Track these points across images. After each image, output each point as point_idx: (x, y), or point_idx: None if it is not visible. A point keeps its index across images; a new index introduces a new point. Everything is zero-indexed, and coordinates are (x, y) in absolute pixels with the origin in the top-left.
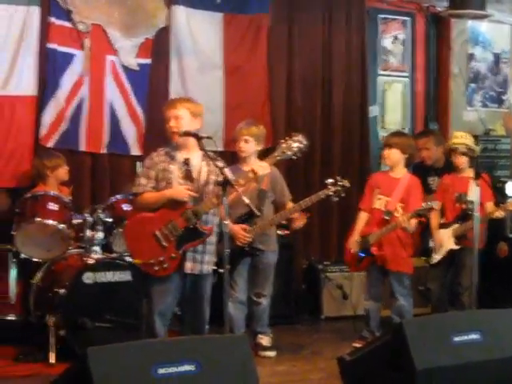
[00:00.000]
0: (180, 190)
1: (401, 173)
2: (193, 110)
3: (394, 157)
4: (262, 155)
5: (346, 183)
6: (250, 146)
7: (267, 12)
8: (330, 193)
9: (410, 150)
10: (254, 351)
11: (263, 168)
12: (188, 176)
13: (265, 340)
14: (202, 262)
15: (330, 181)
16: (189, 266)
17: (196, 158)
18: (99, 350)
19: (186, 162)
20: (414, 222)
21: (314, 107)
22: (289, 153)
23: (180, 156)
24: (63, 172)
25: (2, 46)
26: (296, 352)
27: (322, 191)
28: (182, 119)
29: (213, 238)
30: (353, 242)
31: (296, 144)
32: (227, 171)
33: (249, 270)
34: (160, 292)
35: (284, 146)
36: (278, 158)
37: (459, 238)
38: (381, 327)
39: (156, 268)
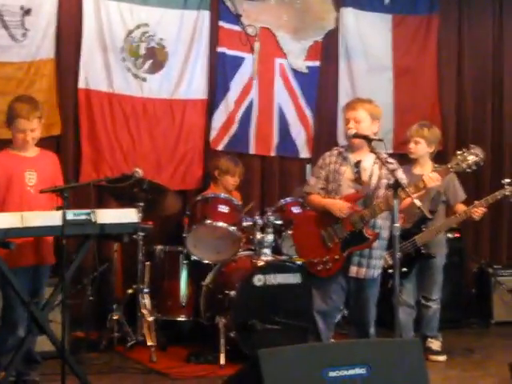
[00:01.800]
0: (339, 206)
1: None
2: (372, 112)
3: None
4: (437, 158)
5: None
6: (419, 148)
7: (437, 12)
8: (507, 193)
9: None
10: (424, 355)
11: (434, 180)
12: (358, 179)
13: (435, 344)
14: (368, 266)
15: (507, 181)
16: (354, 270)
17: (368, 160)
18: (270, 352)
19: (357, 165)
20: None
21: (484, 108)
22: (463, 165)
23: (352, 158)
24: (230, 181)
25: (173, 50)
26: (466, 357)
27: (499, 191)
28: (361, 121)
29: (381, 243)
30: None
31: (472, 157)
32: (399, 173)
33: (417, 274)
34: (321, 292)
35: (459, 157)
36: (452, 170)
37: None
38: None
39: (319, 268)
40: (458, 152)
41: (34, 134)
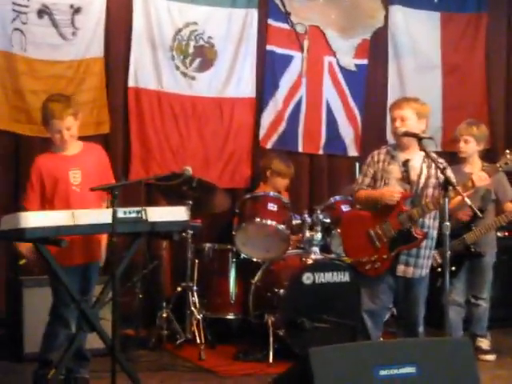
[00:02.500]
0: (389, 191)
1: None
2: (419, 111)
3: None
4: (486, 156)
5: None
6: (469, 147)
7: (486, 10)
8: None
9: None
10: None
11: (482, 179)
12: (406, 178)
13: (484, 343)
14: (416, 265)
15: None
16: (401, 269)
17: (417, 159)
18: (320, 351)
19: (405, 164)
20: None
21: None
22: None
23: (401, 156)
24: (281, 182)
25: (222, 48)
26: None
27: None
28: (407, 120)
29: (429, 242)
30: None
31: None
32: (449, 172)
33: (466, 272)
34: (370, 292)
35: (509, 157)
36: (500, 169)
37: None
38: None
39: (367, 267)
40: (507, 151)
41: (71, 131)
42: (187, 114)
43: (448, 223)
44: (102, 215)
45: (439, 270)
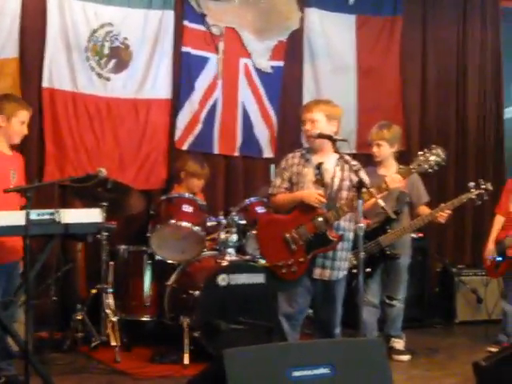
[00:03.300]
0: (311, 193)
1: None
2: (329, 113)
3: None
4: (401, 158)
5: (489, 186)
6: (382, 150)
7: (401, 14)
8: (473, 196)
9: None
10: (388, 355)
11: (396, 181)
12: (320, 181)
13: (399, 344)
14: (333, 268)
15: (473, 184)
16: (318, 272)
17: (330, 161)
18: (235, 352)
19: (319, 166)
20: None
21: (447, 110)
22: (425, 166)
23: (315, 159)
24: (196, 183)
25: (138, 49)
26: (430, 356)
27: (465, 195)
28: (317, 122)
29: (345, 244)
30: (489, 250)
31: (433, 157)
32: (362, 174)
33: (381, 274)
34: (287, 295)
35: (421, 158)
36: (414, 170)
37: None
38: None
39: (284, 271)
40: (420, 153)
41: None
42: (102, 115)
43: (362, 225)
44: (14, 217)
45: (354, 271)
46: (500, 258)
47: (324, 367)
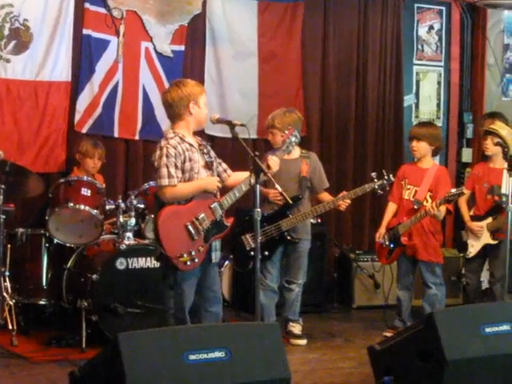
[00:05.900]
0: (212, 181)
1: (429, 163)
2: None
3: (423, 149)
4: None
5: (391, 177)
6: (277, 138)
7: (303, 0)
8: (376, 186)
9: (438, 141)
10: (285, 339)
11: (277, 163)
12: (210, 164)
13: (296, 328)
14: (216, 249)
15: (375, 174)
16: (214, 256)
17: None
18: (131, 336)
19: (201, 149)
20: (443, 209)
21: (348, 96)
22: (290, 148)
23: (193, 142)
24: (90, 163)
25: (38, 31)
26: (327, 340)
27: (368, 184)
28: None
29: None
30: (380, 234)
31: (293, 138)
32: (257, 159)
33: (282, 258)
34: (191, 285)
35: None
36: (285, 151)
37: (494, 232)
38: (412, 317)
39: (188, 263)
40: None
41: None
42: (1, 98)
43: (258, 209)
44: None
45: (252, 253)
46: (392, 245)
47: (219, 351)
